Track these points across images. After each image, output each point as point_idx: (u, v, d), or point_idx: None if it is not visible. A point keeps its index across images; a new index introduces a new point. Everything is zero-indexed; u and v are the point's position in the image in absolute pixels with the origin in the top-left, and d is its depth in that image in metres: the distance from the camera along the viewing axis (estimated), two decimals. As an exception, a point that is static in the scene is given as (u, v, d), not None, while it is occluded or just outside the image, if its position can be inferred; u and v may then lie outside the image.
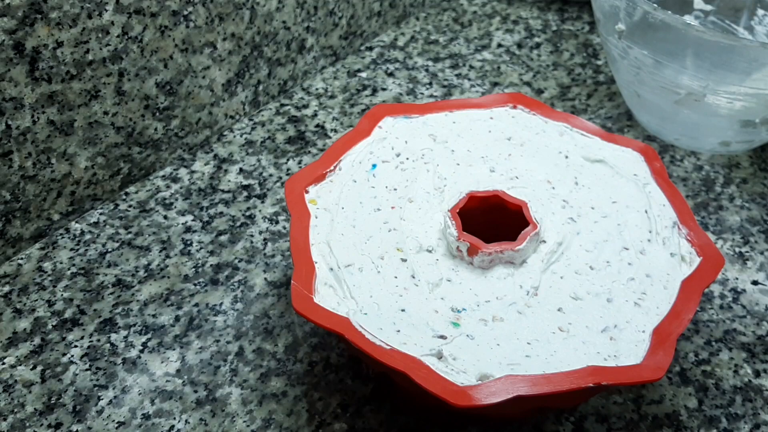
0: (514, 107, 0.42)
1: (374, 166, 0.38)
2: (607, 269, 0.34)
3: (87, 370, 0.38)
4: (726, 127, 0.50)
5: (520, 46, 0.64)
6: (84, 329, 0.40)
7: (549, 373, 0.29)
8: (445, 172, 0.38)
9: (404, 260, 0.34)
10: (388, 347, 0.29)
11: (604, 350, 0.30)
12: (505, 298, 0.32)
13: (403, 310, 0.32)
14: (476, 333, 0.31)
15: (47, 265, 0.43)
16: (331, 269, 0.33)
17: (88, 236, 0.45)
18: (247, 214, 0.47)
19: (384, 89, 0.58)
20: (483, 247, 0.33)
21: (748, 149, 0.53)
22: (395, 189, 0.37)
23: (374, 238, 0.35)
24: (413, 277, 0.33)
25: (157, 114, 0.48)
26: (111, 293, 0.42)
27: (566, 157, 0.39)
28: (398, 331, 0.31)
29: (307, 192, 0.36)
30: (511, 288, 0.33)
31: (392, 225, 0.35)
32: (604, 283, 0.33)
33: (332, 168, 0.38)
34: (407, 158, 0.39)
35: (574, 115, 0.41)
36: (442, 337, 0.31)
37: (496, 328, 0.31)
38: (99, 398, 0.37)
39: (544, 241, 0.35)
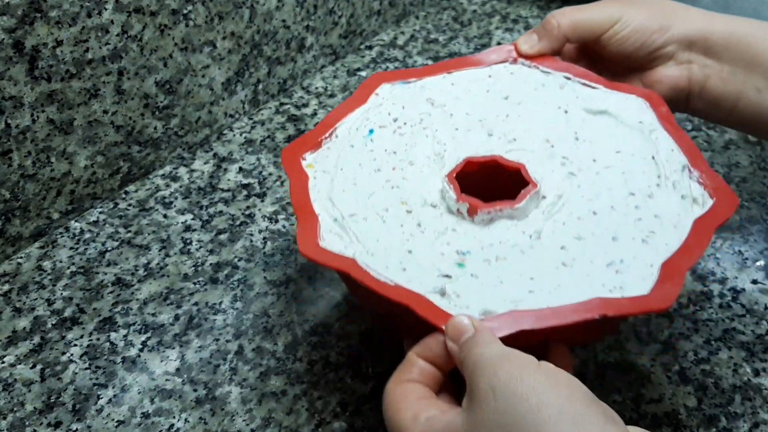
0: (514, 62, 0.41)
1: (371, 131, 0.38)
2: (612, 213, 0.33)
3: (86, 368, 0.38)
4: None
5: (519, 45, 0.64)
6: (83, 328, 0.40)
7: (554, 307, 0.29)
8: (444, 138, 0.38)
9: (410, 212, 0.34)
10: (393, 284, 0.30)
11: (610, 282, 0.30)
12: (508, 242, 0.32)
13: (410, 252, 0.32)
14: (480, 272, 0.31)
15: (47, 264, 0.43)
16: (335, 220, 0.33)
17: (87, 235, 0.45)
18: (247, 213, 0.47)
19: (384, 88, 0.58)
20: (482, 207, 0.33)
21: None
22: (395, 152, 0.37)
23: (377, 194, 0.35)
24: (419, 225, 0.33)
25: (157, 113, 0.48)
26: (110, 292, 0.42)
27: (566, 111, 0.38)
28: (404, 269, 0.31)
29: (303, 159, 0.36)
30: (514, 234, 0.33)
31: (394, 183, 0.36)
32: (609, 225, 0.33)
33: (328, 135, 0.38)
34: (405, 123, 0.39)
35: (577, 66, 0.41)
36: (447, 276, 0.31)
37: (499, 267, 0.31)
38: (98, 397, 0.37)
39: (545, 197, 0.35)
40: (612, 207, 0.33)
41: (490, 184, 0.35)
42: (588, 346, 0.36)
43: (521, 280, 0.30)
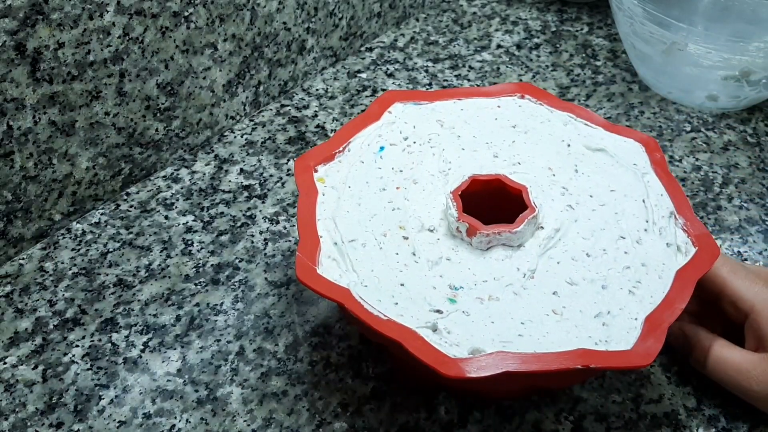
0: (522, 97, 0.43)
1: (382, 148, 0.39)
2: (604, 257, 0.34)
3: (88, 369, 0.38)
4: (710, 79, 0.52)
5: (519, 46, 0.64)
6: (85, 329, 0.40)
7: (539, 352, 0.29)
8: (450, 156, 0.39)
9: (406, 238, 0.35)
10: (385, 318, 0.30)
11: (596, 335, 0.31)
12: (502, 279, 0.33)
13: (402, 285, 0.33)
14: (472, 310, 0.32)
15: (48, 265, 0.44)
16: (335, 243, 0.34)
17: (89, 236, 0.46)
18: (248, 214, 0.47)
19: (384, 90, 0.58)
20: (481, 228, 0.34)
21: (737, 107, 0.55)
22: (401, 171, 0.38)
23: (378, 216, 0.36)
24: (414, 255, 0.34)
25: (158, 114, 0.48)
26: (112, 293, 0.42)
27: (568, 145, 0.40)
28: (396, 303, 0.31)
29: (316, 171, 0.37)
30: (508, 270, 0.33)
31: (396, 204, 0.36)
32: (599, 270, 0.34)
33: (341, 149, 0.39)
34: (414, 142, 0.40)
35: (580, 106, 0.42)
36: (438, 311, 0.31)
37: (491, 306, 0.32)
38: (100, 398, 0.37)
39: (542, 227, 0.35)
40: (604, 250, 0.34)
41: (490, 206, 0.36)
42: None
43: (512, 322, 0.31)
